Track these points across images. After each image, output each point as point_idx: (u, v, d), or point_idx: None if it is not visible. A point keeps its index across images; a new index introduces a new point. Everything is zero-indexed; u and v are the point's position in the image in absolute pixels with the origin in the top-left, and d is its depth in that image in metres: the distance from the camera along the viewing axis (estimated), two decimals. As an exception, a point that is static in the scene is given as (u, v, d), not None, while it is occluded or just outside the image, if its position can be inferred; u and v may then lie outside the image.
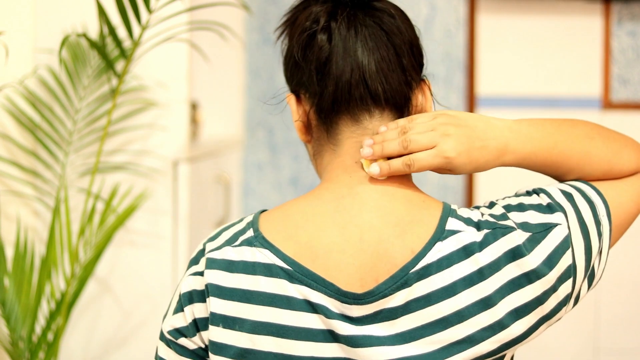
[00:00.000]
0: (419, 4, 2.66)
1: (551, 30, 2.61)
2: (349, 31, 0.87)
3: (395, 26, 0.89)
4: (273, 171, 2.75)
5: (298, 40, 0.89)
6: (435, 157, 0.85)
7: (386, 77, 0.87)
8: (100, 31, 1.60)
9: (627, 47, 2.61)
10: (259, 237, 0.86)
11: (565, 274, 0.83)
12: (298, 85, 0.91)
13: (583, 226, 0.86)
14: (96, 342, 1.94)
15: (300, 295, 0.83)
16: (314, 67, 0.88)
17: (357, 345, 0.82)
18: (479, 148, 0.86)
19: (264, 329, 0.84)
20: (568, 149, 0.90)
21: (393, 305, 0.82)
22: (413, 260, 0.82)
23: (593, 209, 0.87)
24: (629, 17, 2.61)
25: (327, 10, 0.88)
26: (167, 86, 1.90)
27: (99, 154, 1.67)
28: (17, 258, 1.66)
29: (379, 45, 0.87)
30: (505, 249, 0.82)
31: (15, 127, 1.83)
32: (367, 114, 0.88)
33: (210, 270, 0.86)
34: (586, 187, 0.90)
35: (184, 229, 1.93)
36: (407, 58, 0.89)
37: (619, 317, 2.59)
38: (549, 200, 0.87)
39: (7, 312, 1.61)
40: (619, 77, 2.61)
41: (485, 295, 0.81)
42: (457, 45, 2.65)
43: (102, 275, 1.92)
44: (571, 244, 0.84)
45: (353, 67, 0.86)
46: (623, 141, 0.94)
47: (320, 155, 0.92)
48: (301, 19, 0.90)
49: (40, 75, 1.84)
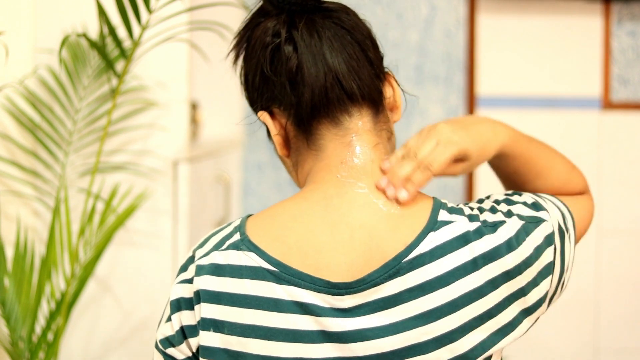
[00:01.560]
0: (419, 4, 2.66)
1: (551, 30, 2.61)
2: (312, 37, 0.87)
3: (354, 22, 0.90)
4: (273, 171, 2.75)
5: (263, 55, 0.89)
6: (445, 147, 0.88)
7: (358, 74, 0.88)
8: (100, 31, 1.60)
9: (627, 47, 2.61)
10: (245, 240, 0.86)
11: (545, 270, 0.85)
12: (270, 100, 0.91)
13: (560, 230, 0.88)
14: (96, 342, 1.94)
15: (289, 297, 0.83)
16: (285, 79, 0.87)
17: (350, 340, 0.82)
18: (476, 130, 0.91)
19: (252, 332, 0.84)
20: (539, 151, 0.98)
21: (385, 295, 0.82)
22: (406, 250, 0.83)
23: (564, 217, 0.91)
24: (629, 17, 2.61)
25: (285, 21, 0.88)
26: (167, 86, 1.90)
27: (99, 154, 1.67)
28: (17, 258, 1.66)
29: (344, 44, 0.88)
30: (498, 242, 0.83)
31: (15, 127, 1.83)
32: (346, 114, 0.88)
33: (199, 276, 0.86)
34: (554, 198, 0.94)
35: (184, 229, 1.93)
36: (372, 52, 0.90)
37: (619, 317, 2.59)
38: (533, 200, 0.90)
39: (7, 312, 1.61)
40: (619, 77, 2.61)
41: (477, 286, 0.82)
42: (457, 45, 2.65)
43: (102, 275, 1.92)
44: (554, 242, 0.86)
45: (325, 71, 0.87)
46: (572, 164, 1.03)
47: (301, 164, 0.92)
48: (258, 36, 0.90)
49: (40, 75, 1.84)
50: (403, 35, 2.65)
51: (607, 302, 2.60)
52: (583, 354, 2.60)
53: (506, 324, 0.84)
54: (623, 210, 2.58)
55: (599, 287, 2.59)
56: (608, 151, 2.58)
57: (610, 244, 2.59)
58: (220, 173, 2.37)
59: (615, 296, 2.59)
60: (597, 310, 2.60)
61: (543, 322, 2.93)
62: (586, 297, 2.60)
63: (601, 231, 2.57)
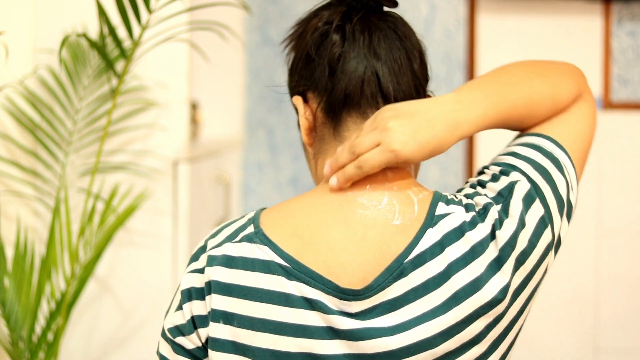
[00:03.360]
0: (419, 4, 2.66)
1: (551, 30, 2.61)
2: (362, 32, 0.89)
3: (408, 32, 0.92)
4: (273, 171, 2.75)
5: (311, 38, 0.91)
6: (382, 153, 0.84)
7: (397, 78, 0.89)
8: (100, 31, 1.60)
9: (627, 47, 2.61)
10: (260, 233, 0.86)
11: (539, 227, 0.85)
12: (307, 84, 0.92)
13: (541, 170, 0.87)
14: (96, 342, 1.94)
15: (298, 293, 0.83)
16: (326, 63, 0.89)
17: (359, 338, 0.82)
18: (426, 130, 0.84)
19: (262, 325, 0.84)
20: (513, 98, 0.90)
21: (392, 297, 0.83)
22: (406, 250, 0.83)
23: (542, 150, 0.89)
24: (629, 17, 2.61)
25: (341, 13, 0.91)
26: (167, 86, 1.90)
27: (99, 154, 1.68)
28: (17, 258, 1.66)
29: (392, 47, 0.89)
30: (488, 230, 0.83)
31: (15, 127, 1.83)
32: (375, 110, 0.89)
33: (211, 267, 0.86)
34: (527, 137, 0.92)
35: (184, 229, 1.93)
36: (418, 63, 0.91)
37: (619, 316, 2.59)
38: (500, 168, 0.89)
39: (7, 312, 1.61)
40: (619, 77, 2.61)
41: (477, 275, 0.82)
42: (457, 45, 2.65)
43: (102, 275, 1.92)
44: (537, 195, 0.86)
45: (366, 65, 0.88)
46: (557, 71, 0.95)
47: (322, 154, 0.93)
48: (313, 23, 0.92)
49: (40, 75, 1.84)
50: (403, 35, 2.65)
51: (607, 302, 2.60)
52: (583, 354, 2.60)
53: (509, 300, 0.84)
54: (623, 210, 2.58)
55: (599, 287, 2.59)
56: (608, 151, 2.58)
57: (610, 244, 2.58)
58: (220, 173, 2.37)
59: (615, 296, 2.59)
60: (597, 310, 2.60)
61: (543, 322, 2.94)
62: (586, 297, 2.60)
63: (601, 231, 2.57)
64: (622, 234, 2.59)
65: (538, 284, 0.87)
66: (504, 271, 0.83)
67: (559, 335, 2.60)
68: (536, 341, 2.59)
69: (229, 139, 2.65)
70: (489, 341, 0.84)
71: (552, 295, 2.57)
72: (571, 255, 2.56)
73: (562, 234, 0.88)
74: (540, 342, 2.60)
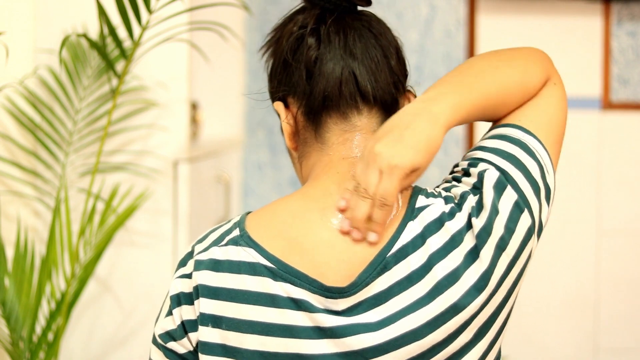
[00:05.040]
0: (419, 4, 2.66)
1: (551, 30, 2.61)
2: (337, 34, 0.90)
3: (382, 30, 0.93)
4: (273, 171, 2.75)
5: (287, 43, 0.91)
6: (390, 175, 0.81)
7: (375, 76, 0.89)
8: (100, 31, 1.60)
9: (627, 47, 2.61)
10: (245, 236, 0.87)
11: (514, 212, 0.85)
12: (286, 89, 0.92)
13: (510, 157, 0.87)
14: (96, 342, 1.94)
15: (285, 293, 0.84)
16: (303, 67, 0.90)
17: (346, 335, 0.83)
18: (410, 134, 0.82)
19: (250, 327, 0.84)
20: (484, 88, 0.89)
21: (376, 292, 0.83)
22: (388, 244, 0.84)
23: (509, 139, 0.89)
24: (629, 17, 2.61)
25: (315, 15, 0.91)
26: (167, 86, 1.90)
27: (99, 154, 1.68)
28: (18, 258, 1.66)
29: (368, 45, 0.90)
30: (465, 218, 0.84)
31: (16, 127, 1.83)
32: (355, 111, 0.89)
33: (198, 271, 0.87)
34: (495, 129, 0.91)
35: (184, 229, 1.93)
36: (395, 61, 0.92)
37: (619, 317, 2.60)
38: (468, 162, 0.89)
39: (7, 312, 1.62)
40: (619, 77, 2.62)
41: (457, 265, 0.83)
42: (457, 45, 2.65)
43: (102, 275, 1.92)
44: (507, 181, 0.85)
45: (343, 66, 0.89)
46: (523, 58, 0.96)
47: (306, 157, 0.93)
48: (288, 28, 0.93)
49: (41, 75, 1.84)
50: (403, 36, 2.62)
51: (607, 302, 2.60)
52: (583, 353, 2.61)
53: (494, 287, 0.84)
54: (623, 210, 2.58)
55: (599, 287, 2.60)
56: (608, 151, 2.58)
57: (610, 244, 2.59)
58: (220, 173, 2.37)
59: (615, 296, 2.59)
60: (597, 310, 2.60)
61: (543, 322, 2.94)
62: (586, 297, 2.60)
63: (601, 231, 2.57)
64: (622, 234, 2.59)
65: (523, 268, 0.87)
66: (481, 259, 0.83)
67: (559, 335, 2.60)
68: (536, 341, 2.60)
69: (229, 139, 2.65)
70: (474, 328, 0.84)
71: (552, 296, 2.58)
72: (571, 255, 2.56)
73: (543, 217, 0.88)
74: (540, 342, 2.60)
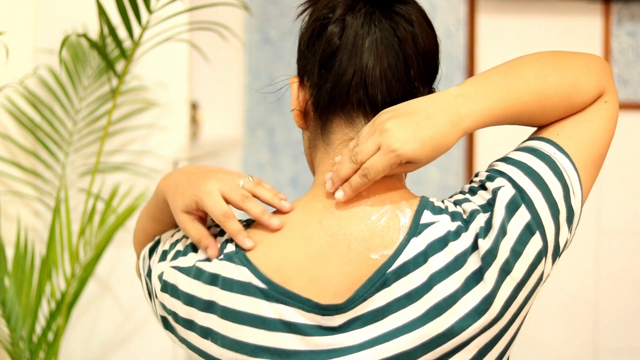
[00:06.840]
0: (419, 4, 2.66)
1: (551, 30, 2.61)
2: (362, 28, 0.84)
3: (411, 34, 0.86)
4: (273, 171, 2.75)
5: (312, 26, 0.87)
6: (384, 155, 0.79)
7: (388, 85, 0.84)
8: (100, 31, 1.60)
9: (627, 47, 2.61)
10: (240, 253, 0.85)
11: (524, 235, 0.80)
12: (303, 70, 0.90)
13: (533, 174, 0.82)
14: (96, 342, 1.94)
15: (277, 315, 0.82)
16: (317, 59, 0.86)
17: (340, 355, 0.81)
18: (426, 126, 0.80)
19: (239, 347, 0.83)
20: (523, 94, 0.84)
21: (374, 308, 0.81)
22: (389, 260, 0.80)
23: (538, 153, 0.84)
24: (629, 17, 2.61)
25: (347, 2, 0.85)
26: (167, 86, 1.90)
27: (99, 154, 1.68)
28: (18, 258, 1.66)
29: (389, 52, 0.84)
30: (471, 239, 0.80)
31: (16, 127, 1.83)
32: (362, 117, 0.86)
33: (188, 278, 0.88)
34: (529, 141, 0.87)
35: (184, 229, 1.92)
36: (416, 69, 0.86)
37: (619, 317, 2.60)
38: (487, 174, 0.85)
39: (8, 312, 1.62)
40: (619, 77, 2.62)
41: (457, 287, 0.79)
42: (457, 45, 2.65)
43: (102, 275, 1.92)
44: (522, 201, 0.80)
45: (356, 69, 0.84)
46: (579, 67, 0.87)
47: (314, 149, 0.91)
48: (321, 3, 0.87)
49: (41, 75, 1.84)
50: (403, 35, 2.65)
51: (607, 302, 2.60)
52: (583, 354, 2.60)
53: (499, 311, 0.80)
54: (623, 210, 2.58)
55: (599, 287, 2.60)
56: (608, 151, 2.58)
57: (610, 244, 2.59)
58: (220, 173, 2.36)
59: (615, 296, 2.59)
60: (597, 310, 2.60)
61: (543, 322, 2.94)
62: (586, 297, 2.60)
63: (601, 231, 2.57)
64: (622, 234, 2.59)
65: (532, 291, 0.82)
66: (485, 281, 0.79)
67: (559, 335, 2.60)
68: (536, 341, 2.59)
69: (229, 139, 2.65)
70: (473, 349, 0.81)
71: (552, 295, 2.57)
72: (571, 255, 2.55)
73: (561, 240, 0.82)
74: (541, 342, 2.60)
